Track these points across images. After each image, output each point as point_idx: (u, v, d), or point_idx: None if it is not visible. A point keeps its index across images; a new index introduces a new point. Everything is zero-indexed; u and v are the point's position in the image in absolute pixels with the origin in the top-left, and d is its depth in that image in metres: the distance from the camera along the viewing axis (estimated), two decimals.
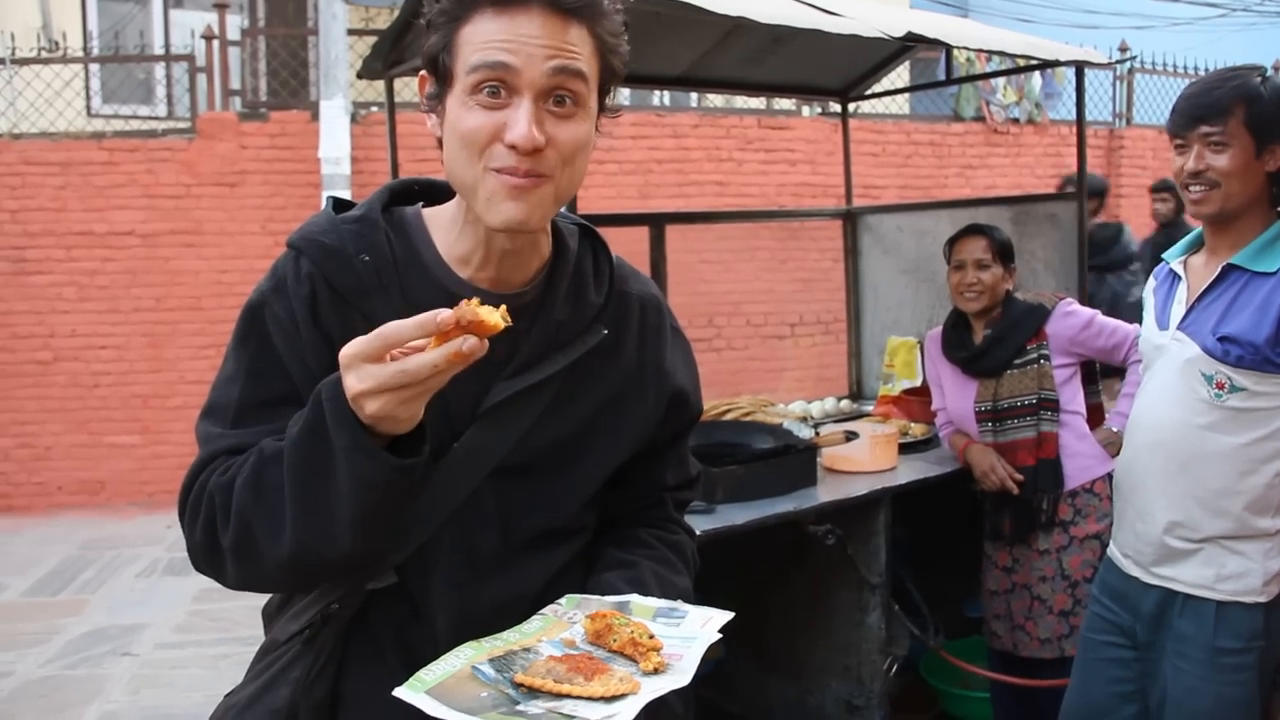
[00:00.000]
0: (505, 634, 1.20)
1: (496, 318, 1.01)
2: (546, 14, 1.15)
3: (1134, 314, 2.72)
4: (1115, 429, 3.04)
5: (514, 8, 1.15)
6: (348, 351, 1.04)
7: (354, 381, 1.03)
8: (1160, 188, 6.95)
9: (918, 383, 3.92)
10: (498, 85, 1.14)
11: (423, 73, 1.24)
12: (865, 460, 3.04)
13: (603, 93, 1.24)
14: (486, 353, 1.02)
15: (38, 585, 5.57)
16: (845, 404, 4.09)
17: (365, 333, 1.19)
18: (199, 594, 5.24)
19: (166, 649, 4.66)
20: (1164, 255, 2.33)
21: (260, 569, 1.17)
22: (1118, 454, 2.49)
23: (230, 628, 4.80)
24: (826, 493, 2.87)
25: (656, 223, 3.80)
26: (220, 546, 1.17)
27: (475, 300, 1.01)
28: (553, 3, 1.15)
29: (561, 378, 1.30)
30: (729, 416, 3.29)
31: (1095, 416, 3.21)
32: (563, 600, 1.28)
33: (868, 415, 3.76)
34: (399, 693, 1.05)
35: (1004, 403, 3.02)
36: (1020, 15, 10.57)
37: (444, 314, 0.99)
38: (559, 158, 1.17)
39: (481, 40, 1.15)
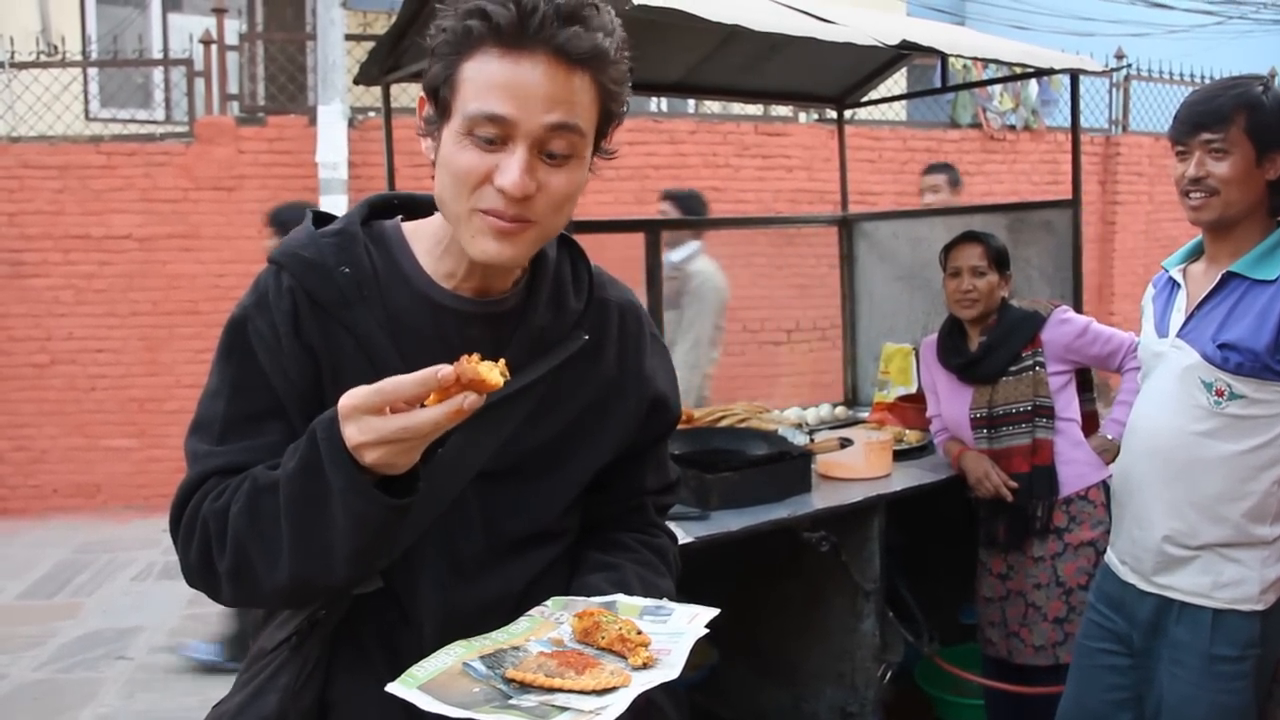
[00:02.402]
0: (493, 634, 1.21)
1: (496, 375, 1.04)
2: (551, 63, 1.14)
3: None
4: (1110, 436, 3.04)
5: (519, 52, 1.14)
6: (347, 403, 1.06)
7: (354, 433, 1.06)
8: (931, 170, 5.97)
9: (913, 389, 3.92)
10: (494, 133, 1.15)
11: (421, 95, 1.24)
12: (860, 467, 3.04)
13: (599, 135, 1.24)
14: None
15: (32, 588, 5.56)
16: (840, 410, 4.09)
17: (348, 344, 1.22)
18: (194, 598, 5.21)
19: (161, 653, 4.64)
20: (1164, 263, 2.34)
21: (256, 592, 1.19)
22: (1113, 461, 2.49)
23: None
24: (821, 499, 2.87)
25: (653, 228, 3.80)
26: (216, 570, 1.19)
27: (476, 357, 1.04)
28: (559, 51, 1.14)
29: (544, 383, 1.31)
30: (724, 423, 3.29)
31: (1090, 424, 3.21)
32: (549, 602, 1.29)
33: (863, 422, 3.77)
34: (391, 688, 1.06)
35: (999, 409, 3.02)
36: (1016, 22, 10.60)
37: (445, 370, 1.02)
38: (548, 204, 1.18)
39: (483, 82, 1.15)
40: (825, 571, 2.96)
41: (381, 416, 1.05)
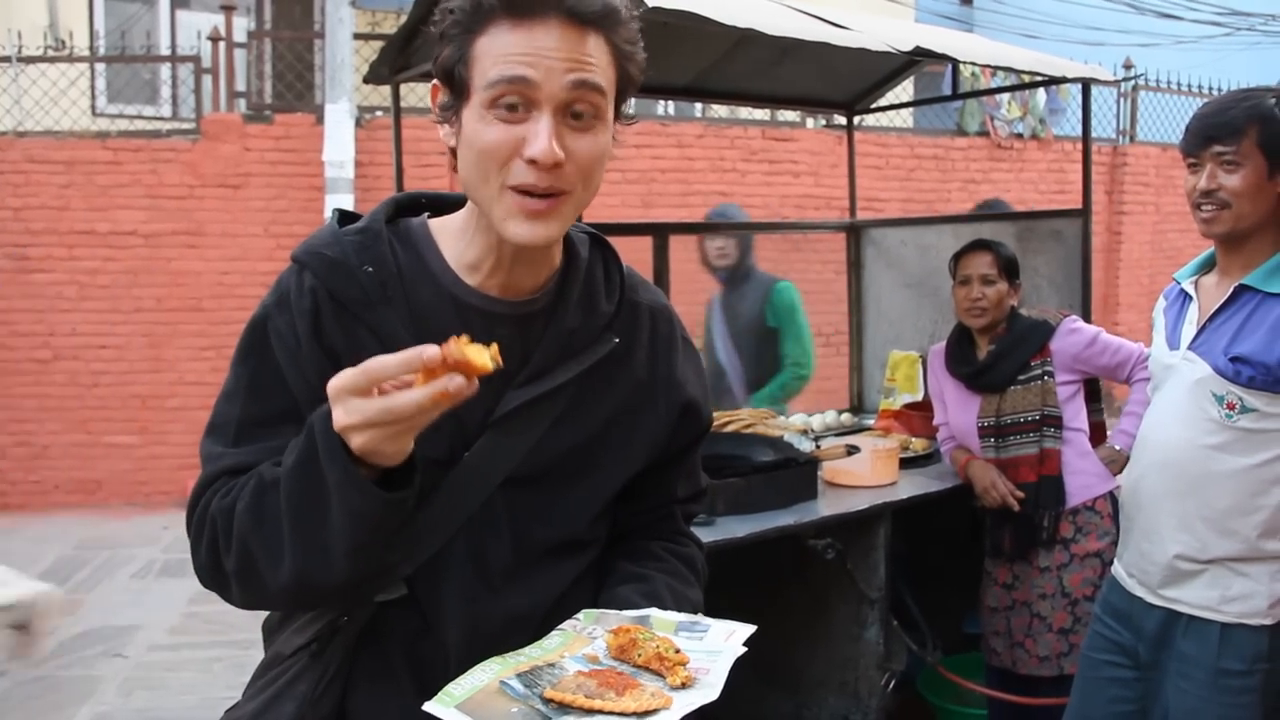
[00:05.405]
0: (527, 650, 1.18)
1: (485, 358, 1.00)
2: (564, 25, 1.14)
3: None
4: (1118, 447, 3.03)
5: (531, 19, 1.13)
6: (335, 384, 1.04)
7: (341, 415, 1.03)
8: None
9: (919, 397, 3.91)
10: (517, 99, 1.13)
11: (435, 82, 1.22)
12: (866, 474, 3.03)
13: (619, 101, 1.23)
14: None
15: None
16: (846, 417, 4.08)
17: (371, 345, 1.18)
18: (193, 596, 5.22)
19: (160, 651, 4.63)
20: (1175, 275, 2.33)
21: (263, 592, 1.17)
22: (1120, 472, 2.47)
23: (224, 631, 4.77)
24: (827, 506, 2.86)
25: (660, 232, 3.79)
26: (224, 570, 1.18)
27: (465, 338, 1.00)
28: (570, 13, 1.14)
29: (573, 386, 1.28)
30: (730, 428, 3.28)
31: (1098, 434, 3.20)
32: (581, 615, 1.26)
33: (868, 429, 3.75)
34: (428, 707, 1.04)
35: (1007, 419, 3.01)
36: (1025, 31, 10.57)
37: (430, 350, 0.99)
38: (577, 171, 1.16)
39: (499, 53, 1.13)
40: (830, 579, 2.95)
41: (366, 398, 1.02)
